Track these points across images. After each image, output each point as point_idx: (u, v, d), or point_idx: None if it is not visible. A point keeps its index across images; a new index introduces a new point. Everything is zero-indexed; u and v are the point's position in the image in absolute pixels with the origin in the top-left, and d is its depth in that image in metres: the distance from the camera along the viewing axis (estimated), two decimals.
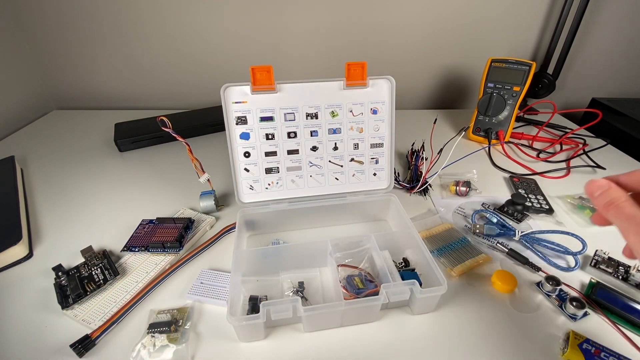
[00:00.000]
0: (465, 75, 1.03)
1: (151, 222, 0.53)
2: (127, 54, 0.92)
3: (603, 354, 0.36)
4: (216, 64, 0.95)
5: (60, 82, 0.96)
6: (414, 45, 0.96)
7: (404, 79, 0.99)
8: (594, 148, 0.76)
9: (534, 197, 0.61)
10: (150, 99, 0.99)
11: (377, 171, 0.54)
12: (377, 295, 0.38)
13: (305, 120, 0.50)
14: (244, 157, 0.50)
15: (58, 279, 0.43)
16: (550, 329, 0.40)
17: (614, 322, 0.41)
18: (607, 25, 0.95)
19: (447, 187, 0.64)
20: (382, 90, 0.51)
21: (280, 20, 0.90)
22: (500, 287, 0.44)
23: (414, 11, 0.91)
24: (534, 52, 1.00)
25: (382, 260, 0.43)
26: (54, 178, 0.66)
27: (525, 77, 0.75)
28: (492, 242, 0.51)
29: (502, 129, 0.79)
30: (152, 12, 0.86)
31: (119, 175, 0.67)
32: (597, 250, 0.49)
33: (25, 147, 0.76)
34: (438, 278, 0.40)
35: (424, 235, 0.52)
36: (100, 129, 0.84)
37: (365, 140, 0.53)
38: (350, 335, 0.39)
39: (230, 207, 0.59)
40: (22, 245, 0.48)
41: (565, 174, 0.70)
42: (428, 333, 0.40)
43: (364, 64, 0.49)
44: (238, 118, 0.49)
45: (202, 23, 0.89)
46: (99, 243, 0.50)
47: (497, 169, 0.72)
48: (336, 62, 0.95)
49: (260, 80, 0.47)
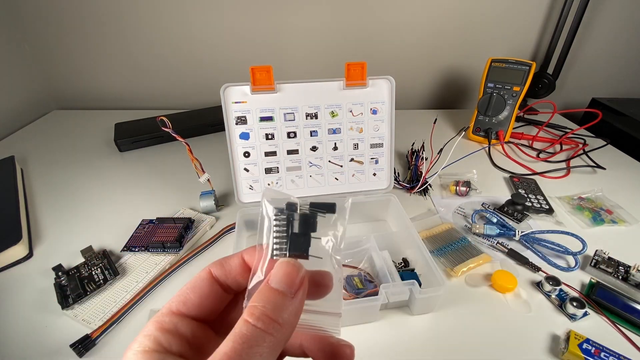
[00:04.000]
0: (465, 75, 1.03)
1: (151, 222, 0.53)
2: (127, 54, 0.92)
3: (603, 354, 0.36)
4: (216, 64, 0.95)
5: (60, 82, 0.96)
6: (414, 45, 0.96)
7: (404, 79, 0.99)
8: (594, 148, 0.76)
9: (534, 197, 0.61)
10: (150, 99, 0.99)
11: (377, 171, 0.54)
12: (376, 295, 0.38)
13: (305, 120, 0.50)
14: (244, 157, 0.50)
15: (58, 279, 0.43)
16: (550, 329, 0.40)
17: (614, 322, 0.41)
18: (607, 25, 0.95)
19: (447, 187, 0.64)
20: (382, 90, 0.51)
21: (280, 20, 0.90)
22: (500, 287, 0.44)
23: (414, 11, 0.91)
24: (534, 52, 1.00)
25: (382, 260, 0.43)
26: (54, 178, 0.66)
27: (525, 77, 0.75)
28: (492, 242, 0.51)
29: (502, 129, 0.79)
30: (152, 12, 0.86)
31: (119, 175, 0.67)
32: (597, 250, 0.49)
33: (25, 147, 0.76)
34: (437, 278, 0.40)
35: (424, 235, 0.52)
36: (100, 129, 0.84)
37: (365, 140, 0.53)
38: (350, 336, 0.39)
39: (230, 207, 0.59)
40: (22, 245, 0.48)
41: (565, 174, 0.70)
42: (428, 333, 0.40)
43: (364, 64, 0.49)
44: (238, 118, 0.49)
45: (202, 23, 0.89)
46: (99, 243, 0.50)
47: (497, 169, 0.72)
48: (336, 62, 0.95)
49: (260, 80, 0.47)
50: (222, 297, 0.19)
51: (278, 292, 0.16)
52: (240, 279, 0.19)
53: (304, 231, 0.18)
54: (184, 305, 0.17)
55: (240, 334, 0.14)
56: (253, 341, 0.14)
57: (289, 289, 0.16)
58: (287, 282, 0.16)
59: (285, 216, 0.18)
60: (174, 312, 0.17)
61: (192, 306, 0.17)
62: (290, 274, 0.17)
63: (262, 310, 0.15)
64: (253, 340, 0.14)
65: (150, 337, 0.16)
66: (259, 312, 0.15)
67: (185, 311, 0.17)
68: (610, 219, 0.56)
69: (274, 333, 0.15)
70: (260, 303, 0.15)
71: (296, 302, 0.16)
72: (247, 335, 0.14)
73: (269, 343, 0.15)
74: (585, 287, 0.45)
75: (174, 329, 0.16)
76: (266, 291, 0.16)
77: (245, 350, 0.14)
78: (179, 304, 0.17)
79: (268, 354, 0.15)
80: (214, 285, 0.18)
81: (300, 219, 0.18)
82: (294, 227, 0.18)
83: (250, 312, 0.15)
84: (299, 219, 0.18)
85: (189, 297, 0.18)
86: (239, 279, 0.19)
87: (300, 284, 0.17)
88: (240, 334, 0.14)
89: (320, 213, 0.18)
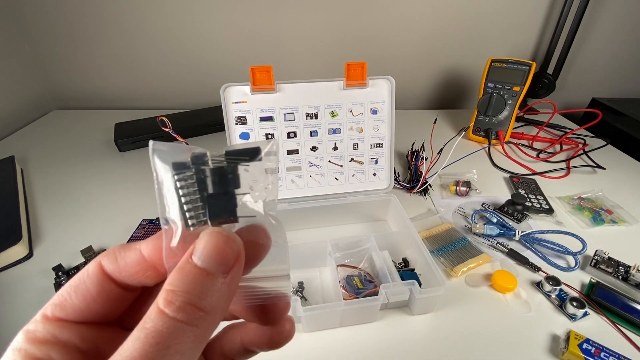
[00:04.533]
0: (465, 75, 1.03)
1: (151, 222, 0.53)
2: (128, 54, 0.92)
3: (603, 354, 0.36)
4: (216, 64, 0.95)
5: (60, 82, 0.96)
6: (414, 45, 0.96)
7: (404, 79, 0.99)
8: (594, 148, 0.76)
9: (534, 197, 0.61)
10: (150, 99, 0.99)
11: (377, 171, 0.54)
12: (376, 295, 0.38)
13: (305, 120, 0.50)
14: None
15: (58, 279, 0.43)
16: (550, 329, 0.40)
17: (614, 322, 0.41)
18: (607, 25, 0.95)
19: (447, 187, 0.64)
20: (382, 90, 0.51)
21: (280, 20, 0.90)
22: (500, 287, 0.44)
23: (414, 11, 0.91)
24: (534, 52, 1.00)
25: (382, 260, 0.43)
26: (54, 178, 0.66)
27: (525, 77, 0.75)
28: (492, 242, 0.51)
29: (502, 129, 0.79)
30: (152, 12, 0.86)
31: (119, 175, 0.67)
32: (597, 250, 0.49)
33: (25, 147, 0.76)
34: (437, 278, 0.40)
35: (424, 235, 0.52)
36: (100, 129, 0.84)
37: (365, 140, 0.53)
38: (350, 336, 0.39)
39: None
40: (22, 245, 0.48)
41: (565, 174, 0.70)
42: (427, 333, 0.40)
43: (364, 64, 0.49)
44: (238, 118, 0.49)
45: (202, 23, 0.89)
46: (99, 243, 0.50)
47: (497, 169, 0.72)
48: (336, 62, 0.95)
49: (260, 80, 0.47)
50: (120, 296, 0.15)
51: (205, 273, 0.12)
52: (142, 277, 0.14)
53: (223, 189, 0.14)
54: (61, 310, 0.13)
55: (154, 331, 0.11)
56: (171, 339, 0.11)
57: (220, 267, 0.12)
58: (219, 260, 0.13)
59: (193, 172, 0.14)
60: (49, 318, 0.13)
61: (74, 311, 0.13)
62: (222, 249, 0.13)
63: (184, 298, 0.11)
64: (171, 338, 0.11)
65: (20, 351, 0.12)
66: (179, 301, 0.11)
67: (65, 316, 0.13)
68: (610, 219, 0.56)
69: (200, 324, 0.11)
70: (181, 287, 0.12)
71: (229, 281, 0.13)
72: (162, 332, 0.11)
73: (192, 338, 0.11)
74: (585, 287, 0.45)
75: (51, 338, 0.13)
76: (189, 271, 0.12)
77: (160, 352, 0.10)
78: (55, 308, 0.13)
79: (191, 351, 0.11)
80: (105, 284, 0.14)
81: (215, 174, 0.14)
82: (208, 187, 0.14)
83: (167, 300, 0.11)
84: (213, 174, 0.14)
85: (69, 300, 0.13)
86: (139, 279, 0.14)
87: (236, 260, 0.13)
88: (154, 331, 0.11)
89: (241, 163, 0.14)
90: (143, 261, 0.14)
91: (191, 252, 0.13)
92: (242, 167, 0.14)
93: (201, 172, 0.14)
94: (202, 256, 0.13)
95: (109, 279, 0.14)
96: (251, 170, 0.14)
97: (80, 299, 0.14)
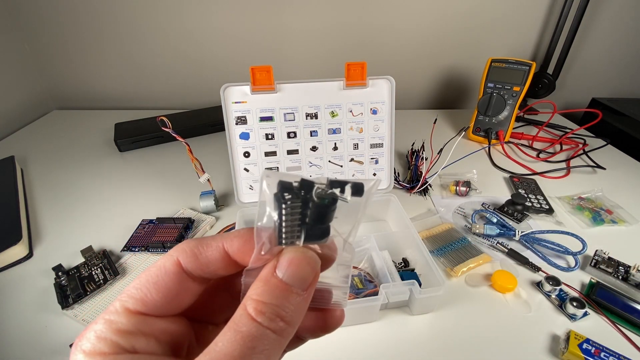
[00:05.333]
0: (465, 75, 1.03)
1: (151, 222, 0.53)
2: (127, 54, 0.92)
3: (603, 354, 0.36)
4: (216, 64, 0.95)
5: (60, 82, 0.96)
6: (414, 45, 0.96)
7: (404, 79, 0.99)
8: (594, 148, 0.76)
9: (534, 197, 0.61)
10: (150, 99, 0.99)
11: (377, 171, 0.54)
12: (376, 295, 0.38)
13: (305, 120, 0.50)
14: (244, 157, 0.50)
15: (58, 278, 0.43)
16: (550, 329, 0.40)
17: (614, 322, 0.41)
18: (607, 25, 0.95)
19: (447, 187, 0.64)
20: (382, 90, 0.51)
21: (280, 20, 0.90)
22: (500, 287, 0.44)
23: (414, 11, 0.91)
24: (534, 52, 1.00)
25: (382, 260, 0.43)
26: (54, 178, 0.66)
27: (525, 77, 0.75)
28: (492, 242, 0.51)
29: (502, 129, 0.79)
30: (152, 12, 0.86)
31: (119, 175, 0.67)
32: (597, 250, 0.49)
33: (25, 147, 0.76)
34: (437, 278, 0.40)
35: (424, 235, 0.52)
36: (100, 129, 0.84)
37: (365, 140, 0.53)
38: (350, 336, 0.39)
39: (230, 207, 0.59)
40: (22, 245, 0.48)
41: (565, 174, 0.70)
42: (427, 333, 0.40)
43: (364, 64, 0.49)
44: (238, 118, 0.49)
45: (202, 23, 0.89)
46: (99, 243, 0.50)
47: (497, 169, 0.72)
48: (336, 62, 0.95)
49: (260, 80, 0.47)
50: (194, 291, 0.16)
51: (289, 288, 0.14)
52: (223, 273, 0.16)
53: (321, 221, 0.15)
54: (143, 305, 0.14)
55: (249, 335, 0.13)
56: (262, 344, 0.13)
57: (302, 284, 0.14)
58: (301, 278, 0.14)
59: (299, 202, 0.15)
60: (132, 312, 0.14)
61: (154, 307, 0.14)
62: (305, 269, 0.14)
63: (272, 310, 0.13)
64: (261, 342, 0.13)
65: (107, 340, 0.13)
66: (269, 312, 0.13)
67: (146, 311, 0.14)
68: (610, 219, 0.56)
69: (283, 334, 0.13)
70: (268, 300, 0.13)
71: (306, 296, 0.14)
72: (256, 337, 0.13)
73: (277, 345, 0.13)
74: (585, 287, 0.45)
75: (135, 330, 0.14)
76: (275, 285, 0.14)
77: (255, 355, 0.12)
78: (137, 302, 0.14)
79: (274, 356, 0.13)
80: (184, 280, 0.15)
81: (317, 208, 0.15)
82: (308, 217, 0.15)
83: (258, 310, 0.13)
84: (315, 208, 0.15)
85: (150, 296, 0.14)
86: (220, 273, 0.16)
87: (314, 279, 0.15)
88: (249, 335, 0.13)
89: (341, 198, 0.15)
90: (226, 257, 0.16)
91: (274, 266, 0.14)
92: (341, 199, 0.15)
93: (306, 203, 0.15)
94: (288, 273, 0.14)
95: (187, 275, 0.15)
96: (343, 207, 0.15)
97: (161, 296, 0.15)
